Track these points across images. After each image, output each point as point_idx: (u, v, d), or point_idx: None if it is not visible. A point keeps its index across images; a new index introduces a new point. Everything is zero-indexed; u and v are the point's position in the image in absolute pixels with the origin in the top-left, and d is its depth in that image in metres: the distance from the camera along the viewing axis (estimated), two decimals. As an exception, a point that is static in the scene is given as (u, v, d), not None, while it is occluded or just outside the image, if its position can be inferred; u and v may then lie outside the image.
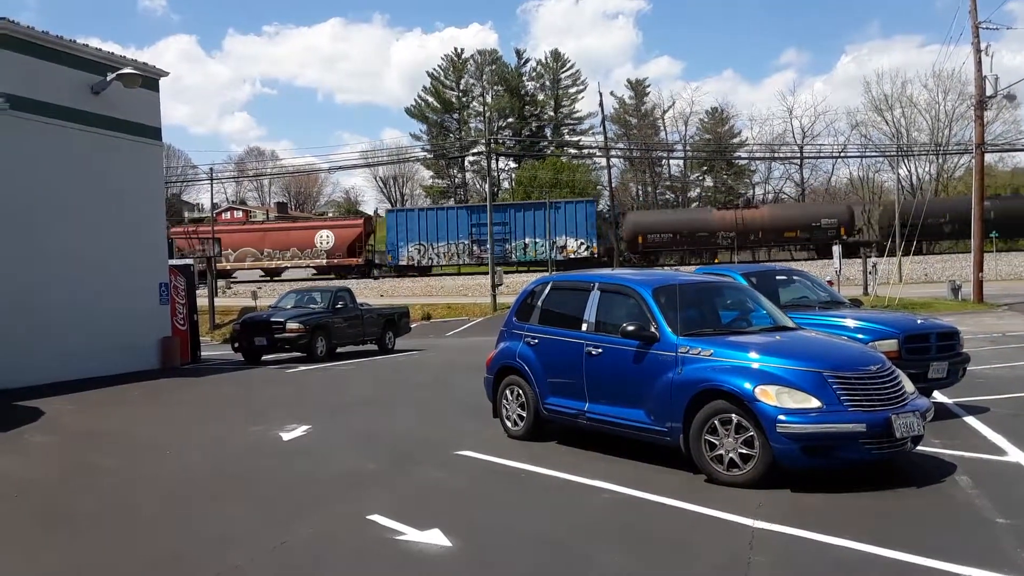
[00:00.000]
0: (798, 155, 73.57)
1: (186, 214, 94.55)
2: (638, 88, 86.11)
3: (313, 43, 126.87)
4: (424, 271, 51.66)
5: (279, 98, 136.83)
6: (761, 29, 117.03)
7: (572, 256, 49.37)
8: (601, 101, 48.75)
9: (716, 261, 47.28)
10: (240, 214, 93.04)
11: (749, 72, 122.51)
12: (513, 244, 50.38)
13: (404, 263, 51.11)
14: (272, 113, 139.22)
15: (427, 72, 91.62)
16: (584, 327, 7.98)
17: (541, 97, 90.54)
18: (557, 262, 48.40)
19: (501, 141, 77.91)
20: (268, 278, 55.34)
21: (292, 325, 18.20)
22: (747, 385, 6.45)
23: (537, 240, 50.06)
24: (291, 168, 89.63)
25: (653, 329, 7.24)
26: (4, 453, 9.05)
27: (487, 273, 41.09)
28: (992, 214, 44.84)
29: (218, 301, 36.68)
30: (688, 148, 79.79)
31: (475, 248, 51.06)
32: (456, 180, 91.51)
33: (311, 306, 19.78)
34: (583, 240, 49.76)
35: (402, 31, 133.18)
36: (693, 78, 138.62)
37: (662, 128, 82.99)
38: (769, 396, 6.33)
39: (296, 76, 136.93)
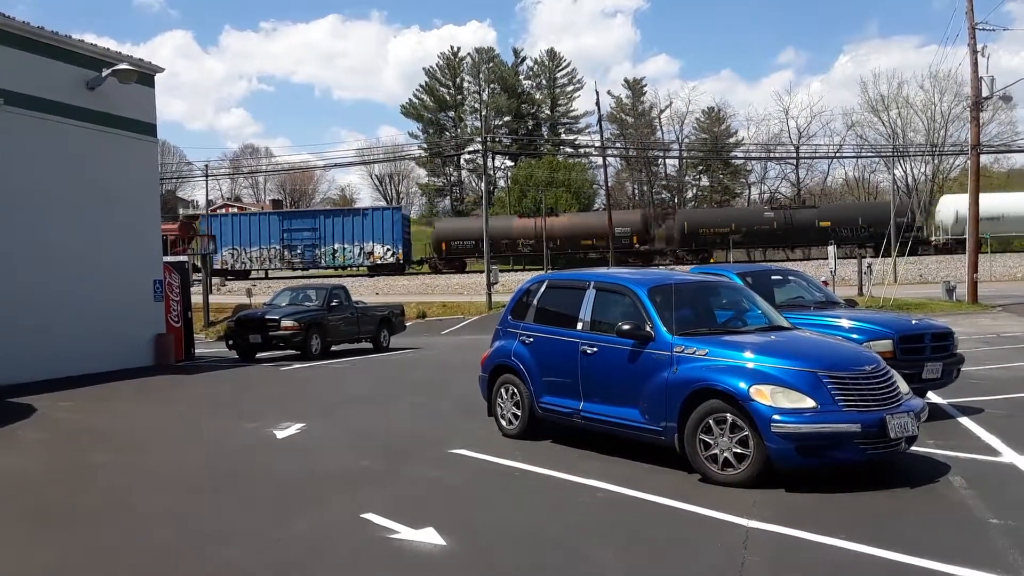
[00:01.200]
0: (794, 155, 73.68)
1: (180, 211, 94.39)
2: (635, 87, 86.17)
3: (310, 39, 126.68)
4: (242, 275, 53.65)
5: (276, 94, 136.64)
6: (759, 29, 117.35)
7: (379, 262, 51.73)
8: (598, 100, 48.80)
9: (520, 268, 50.98)
10: (235, 211, 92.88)
11: (747, 72, 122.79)
12: (323, 249, 52.31)
13: (218, 267, 52.59)
14: (269, 109, 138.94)
15: (424, 69, 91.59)
16: (579, 326, 7.98)
17: (538, 96, 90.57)
18: (367, 267, 51.59)
19: (497, 140, 77.88)
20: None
21: (287, 323, 18.18)
22: (742, 385, 6.45)
23: (346, 246, 52.13)
24: (286, 165, 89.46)
25: (648, 328, 7.24)
26: (-3, 450, 9.02)
27: (483, 271, 41.10)
28: (775, 224, 48.87)
29: (212, 298, 36.58)
30: (684, 148, 79.84)
31: (286, 253, 53.19)
32: (452, 178, 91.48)
33: (306, 304, 19.75)
34: (389, 246, 51.73)
35: (400, 28, 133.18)
36: (691, 77, 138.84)
37: (659, 128, 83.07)
38: (764, 396, 6.33)
39: (293, 72, 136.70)
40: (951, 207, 47.75)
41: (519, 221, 53.85)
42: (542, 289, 8.85)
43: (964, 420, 9.02)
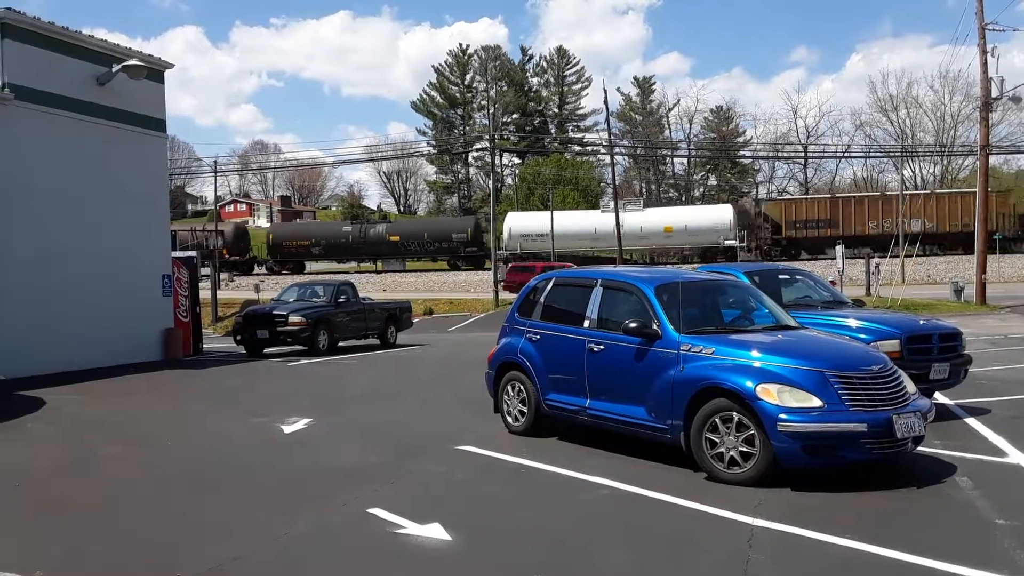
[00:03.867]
0: (802, 155, 73.45)
1: (189, 206, 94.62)
2: (644, 86, 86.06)
3: (321, 35, 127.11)
4: None
5: (285, 90, 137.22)
6: (772, 27, 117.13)
7: None
8: (606, 98, 48.60)
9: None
10: (244, 207, 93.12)
11: (758, 70, 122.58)
12: None
13: None
14: (278, 105, 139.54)
15: (433, 66, 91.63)
16: (586, 323, 7.98)
17: (545, 93, 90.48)
18: None
19: (505, 137, 77.84)
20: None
21: (294, 319, 18.22)
22: (749, 383, 6.45)
23: None
24: (295, 161, 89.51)
25: (655, 326, 7.24)
26: (5, 442, 9.07)
27: (490, 269, 41.12)
28: (351, 237, 54.72)
29: (221, 294, 36.70)
30: (692, 146, 79.66)
31: None
32: (460, 176, 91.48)
33: (313, 300, 19.79)
34: None
35: (411, 24, 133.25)
36: (702, 75, 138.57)
37: (667, 126, 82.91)
38: (771, 395, 6.33)
39: (303, 68, 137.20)
40: (507, 224, 53.45)
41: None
42: (549, 286, 8.86)
43: (971, 421, 9.00)
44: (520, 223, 54.97)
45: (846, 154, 71.52)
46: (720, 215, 52.23)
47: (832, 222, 50.48)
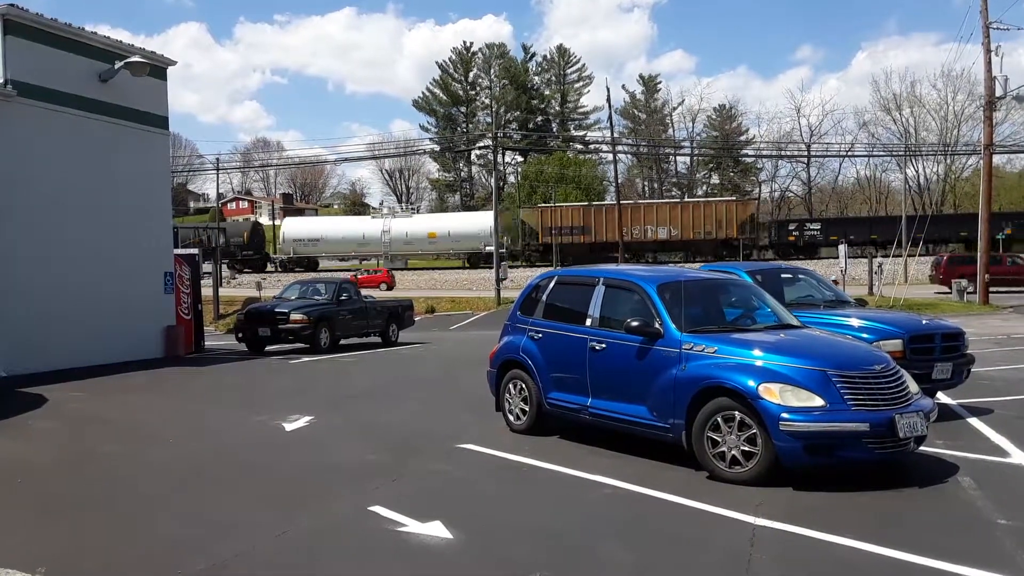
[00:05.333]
0: (805, 153, 73.37)
1: (191, 204, 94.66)
2: (649, 84, 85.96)
3: (325, 32, 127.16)
4: None
5: (289, 87, 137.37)
6: (777, 24, 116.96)
7: None
8: (609, 96, 48.68)
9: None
10: (246, 204, 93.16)
11: (763, 68, 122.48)
12: None
13: None
14: (282, 102, 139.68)
15: (437, 63, 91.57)
16: (588, 322, 7.98)
17: (547, 91, 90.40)
18: None
19: (508, 135, 77.81)
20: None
21: (296, 316, 18.22)
22: (751, 383, 6.44)
23: None
24: (297, 159, 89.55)
25: (657, 325, 7.23)
26: (8, 439, 9.08)
27: (492, 267, 41.12)
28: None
29: (222, 291, 36.72)
30: (695, 145, 79.61)
31: None
32: (462, 174, 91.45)
33: (315, 298, 19.78)
34: None
35: (415, 21, 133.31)
36: (707, 73, 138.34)
37: (670, 125, 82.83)
38: (773, 394, 6.32)
39: (307, 65, 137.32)
40: (283, 229, 56.52)
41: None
42: (551, 285, 8.85)
43: (973, 421, 8.98)
44: (294, 228, 58.30)
45: (849, 153, 71.45)
46: (482, 222, 54.40)
47: (586, 229, 52.88)
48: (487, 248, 51.54)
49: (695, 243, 52.38)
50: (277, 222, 67.80)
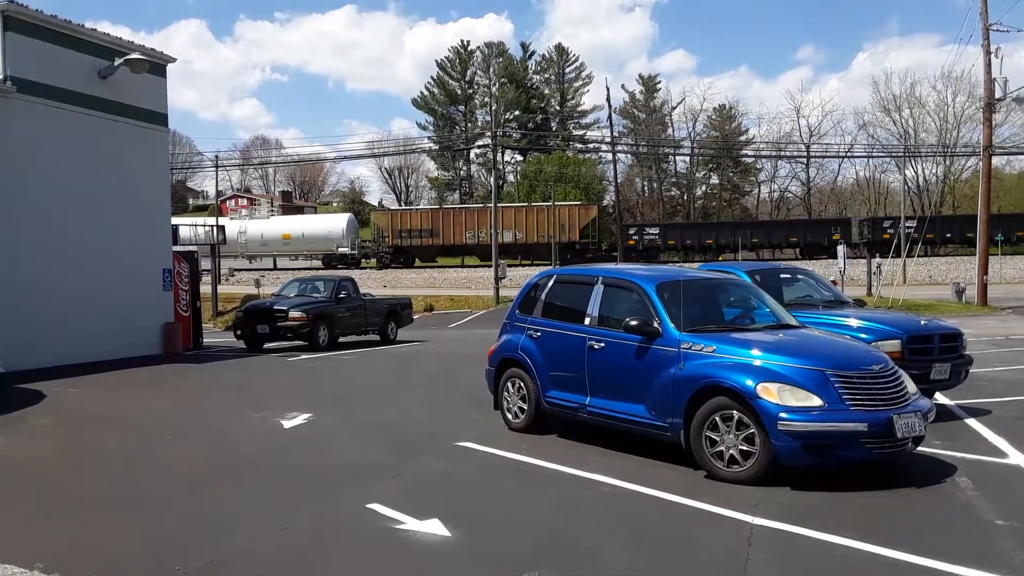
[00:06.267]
0: (804, 154, 73.38)
1: (190, 201, 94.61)
2: (648, 84, 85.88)
3: (325, 30, 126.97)
4: None
5: (289, 85, 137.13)
6: (779, 24, 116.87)
7: None
8: (608, 95, 48.92)
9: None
10: (244, 202, 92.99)
11: (764, 68, 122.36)
12: None
13: None
14: (282, 100, 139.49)
15: (435, 62, 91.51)
16: (587, 321, 7.98)
17: (547, 91, 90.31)
18: None
19: (507, 134, 77.80)
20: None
21: (295, 314, 18.22)
22: (749, 382, 6.44)
23: None
24: (296, 157, 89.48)
25: (656, 324, 7.23)
26: (5, 435, 9.07)
27: (491, 266, 41.13)
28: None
29: (221, 288, 36.73)
30: (695, 145, 79.61)
31: None
32: (461, 172, 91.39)
33: (314, 295, 19.79)
34: None
35: (416, 20, 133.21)
36: (708, 73, 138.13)
37: (670, 125, 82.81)
38: (771, 394, 6.32)
39: (307, 63, 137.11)
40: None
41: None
42: (550, 284, 8.85)
43: (971, 421, 8.99)
44: None
45: (848, 154, 71.47)
46: (334, 224, 55.83)
47: (434, 231, 54.21)
48: (340, 249, 54.09)
49: (539, 246, 53.63)
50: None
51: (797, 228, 54.16)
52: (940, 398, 9.82)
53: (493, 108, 59.31)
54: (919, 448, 6.95)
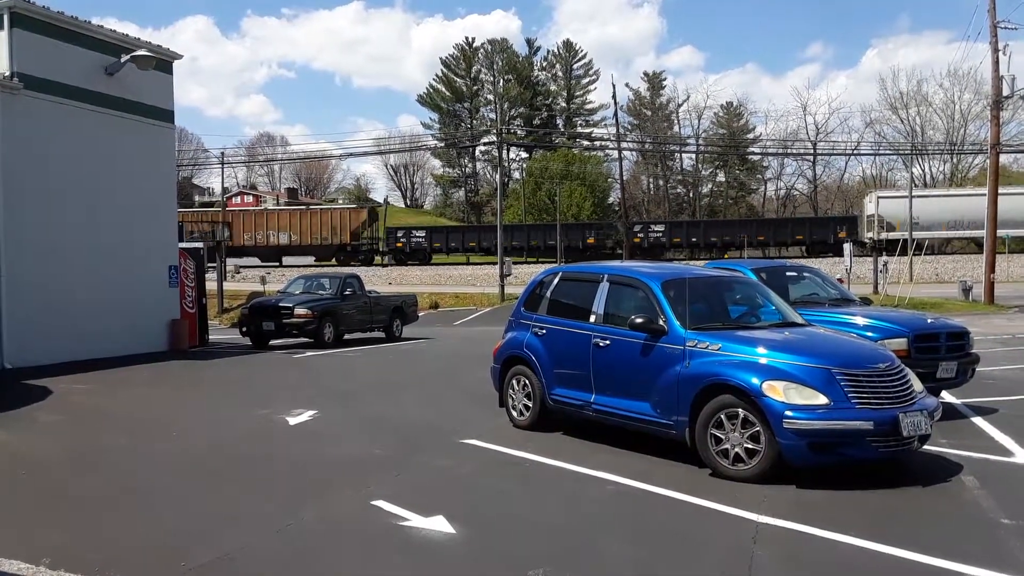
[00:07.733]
0: (811, 152, 73.22)
1: (196, 198, 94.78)
2: (655, 81, 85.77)
3: (332, 26, 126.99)
4: None
5: (296, 81, 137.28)
6: (788, 21, 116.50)
7: None
8: (614, 92, 48.80)
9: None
10: (251, 199, 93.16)
11: (772, 65, 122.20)
12: None
13: None
14: (289, 96, 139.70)
15: (440, 59, 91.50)
16: (592, 318, 7.97)
17: (553, 88, 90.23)
18: None
19: (512, 131, 77.73)
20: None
21: (300, 311, 18.24)
22: (755, 380, 6.43)
23: None
24: (302, 153, 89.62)
25: (661, 322, 7.22)
26: (12, 431, 9.10)
27: (496, 263, 41.12)
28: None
29: (227, 285, 36.77)
30: (701, 142, 79.46)
31: None
32: (466, 170, 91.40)
33: (319, 292, 19.80)
34: None
35: (423, 16, 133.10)
36: (716, 69, 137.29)
37: (676, 122, 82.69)
38: (777, 392, 6.31)
39: (314, 59, 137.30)
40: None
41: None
42: (555, 281, 8.84)
43: (978, 420, 8.96)
44: None
45: (855, 151, 71.29)
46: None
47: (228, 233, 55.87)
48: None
49: (314, 247, 55.97)
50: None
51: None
52: (946, 396, 9.80)
53: (498, 105, 59.29)
54: (925, 446, 6.93)
